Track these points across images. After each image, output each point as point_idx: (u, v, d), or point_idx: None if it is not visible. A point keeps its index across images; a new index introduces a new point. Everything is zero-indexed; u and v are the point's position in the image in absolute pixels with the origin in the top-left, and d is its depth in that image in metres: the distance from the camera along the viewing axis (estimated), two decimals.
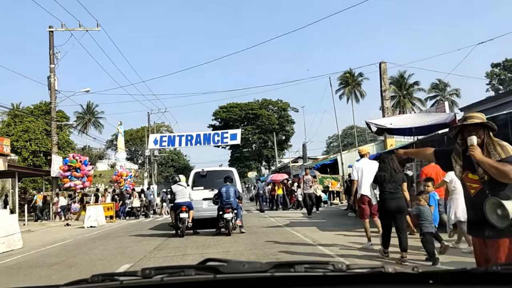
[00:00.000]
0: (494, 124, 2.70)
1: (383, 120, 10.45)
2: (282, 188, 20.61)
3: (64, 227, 17.51)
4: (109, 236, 11.88)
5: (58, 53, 22.50)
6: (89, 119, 67.65)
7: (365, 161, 7.54)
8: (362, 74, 63.36)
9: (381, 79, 22.20)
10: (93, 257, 7.92)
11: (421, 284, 1.04)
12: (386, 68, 22.45)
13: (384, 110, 22.07)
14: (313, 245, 7.87)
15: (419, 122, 9.12)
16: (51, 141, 23.45)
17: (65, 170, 20.28)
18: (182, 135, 21.81)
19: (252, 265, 1.07)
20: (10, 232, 9.91)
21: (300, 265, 1.05)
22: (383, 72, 22.26)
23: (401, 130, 9.99)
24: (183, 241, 9.41)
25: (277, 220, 14.03)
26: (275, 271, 1.03)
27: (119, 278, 1.02)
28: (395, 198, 5.93)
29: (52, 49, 22.21)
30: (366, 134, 70.04)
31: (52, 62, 22.14)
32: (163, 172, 60.93)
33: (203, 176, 12.41)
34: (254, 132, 57.47)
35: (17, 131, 40.01)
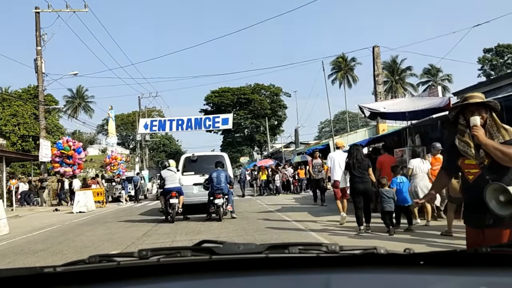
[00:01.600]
0: (498, 104, 2.52)
1: (376, 104, 10.27)
2: (266, 174, 20.87)
3: (53, 212, 17.28)
4: (98, 222, 11.70)
5: (45, 35, 21.88)
6: (79, 103, 66.68)
7: (338, 152, 9.00)
8: (354, 59, 62.98)
9: (375, 63, 21.97)
10: (79, 243, 7.74)
11: (412, 265, 1.05)
12: (379, 52, 22.21)
13: (376, 94, 21.91)
14: (304, 231, 7.78)
15: (412, 106, 8.96)
16: (39, 126, 22.92)
17: (57, 156, 19.96)
18: (173, 120, 21.50)
19: (247, 247, 1.08)
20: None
21: (294, 246, 1.07)
22: (377, 57, 22.02)
23: (395, 114, 9.83)
24: (172, 227, 9.27)
25: (269, 205, 13.96)
26: (269, 252, 1.04)
27: (116, 259, 1.03)
28: (362, 181, 7.23)
29: (38, 31, 21.57)
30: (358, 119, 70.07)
31: (38, 44, 21.52)
32: (155, 157, 60.50)
33: (193, 161, 12.25)
34: (246, 117, 57.15)
35: (5, 116, 39.32)
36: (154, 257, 1.04)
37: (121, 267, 1.01)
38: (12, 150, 33.87)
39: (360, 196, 7.20)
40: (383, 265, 1.05)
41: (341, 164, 8.32)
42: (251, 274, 1.02)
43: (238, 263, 1.04)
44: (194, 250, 1.08)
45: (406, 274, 1.03)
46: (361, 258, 1.06)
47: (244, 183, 22.30)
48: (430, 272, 1.02)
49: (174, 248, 1.08)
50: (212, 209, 10.01)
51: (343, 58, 60.69)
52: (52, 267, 0.97)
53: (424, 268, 1.04)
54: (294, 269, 1.03)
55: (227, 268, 1.04)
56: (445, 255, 1.09)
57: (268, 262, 1.03)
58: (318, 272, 1.03)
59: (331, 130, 24.89)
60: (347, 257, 1.06)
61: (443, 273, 1.02)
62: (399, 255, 1.07)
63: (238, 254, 1.06)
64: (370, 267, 1.04)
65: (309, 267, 1.04)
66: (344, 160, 8.10)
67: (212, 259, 1.02)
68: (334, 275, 1.03)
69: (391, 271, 1.04)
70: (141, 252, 1.06)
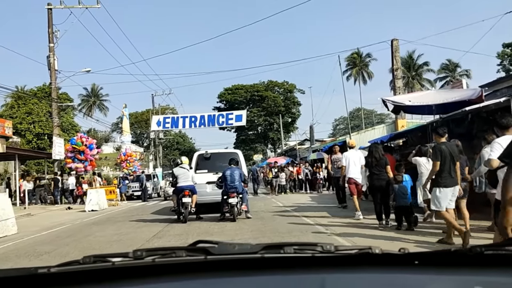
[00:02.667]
0: None
1: (401, 97, 9.64)
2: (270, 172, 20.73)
3: (66, 210, 17.08)
4: (109, 221, 11.34)
5: (58, 31, 21.71)
6: (93, 102, 67.19)
7: (352, 151, 9.26)
8: (370, 55, 62.03)
9: (393, 57, 21.15)
10: (87, 245, 7.34)
11: (406, 265, 1.04)
12: (398, 46, 21.38)
13: (395, 89, 21.11)
14: (324, 233, 7.23)
15: (440, 99, 8.31)
16: (52, 123, 22.80)
17: (69, 151, 19.81)
18: (185, 117, 21.12)
19: (243, 247, 1.09)
20: (3, 217, 9.37)
21: (290, 246, 1.07)
22: (395, 50, 21.21)
23: (420, 108, 9.17)
24: (185, 228, 8.81)
25: (284, 204, 13.44)
26: (265, 252, 1.04)
27: (111, 259, 1.02)
28: (380, 178, 7.52)
29: (51, 28, 21.38)
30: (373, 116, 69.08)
31: (51, 41, 21.34)
32: (168, 155, 60.53)
33: (206, 158, 11.81)
34: (260, 114, 56.57)
35: (20, 114, 39.61)
36: (149, 258, 1.03)
37: (116, 267, 1.00)
38: (28, 148, 34.07)
39: (378, 193, 7.57)
40: (378, 265, 1.05)
41: (356, 162, 8.82)
42: (247, 274, 1.02)
43: (233, 263, 1.04)
44: (189, 250, 1.07)
45: (401, 274, 1.03)
46: (356, 258, 1.05)
47: (257, 181, 21.77)
48: (425, 272, 1.02)
49: (169, 248, 1.07)
50: (226, 209, 9.51)
51: (358, 54, 59.71)
52: (46, 268, 0.96)
53: (419, 267, 1.04)
54: (290, 269, 1.03)
55: (223, 268, 1.03)
56: (439, 255, 1.09)
57: (264, 262, 1.03)
58: (313, 272, 1.03)
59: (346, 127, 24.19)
60: (342, 257, 1.06)
61: (438, 273, 1.02)
62: (394, 255, 1.06)
63: (234, 254, 1.06)
64: (365, 267, 1.04)
65: (305, 267, 1.03)
66: (358, 158, 8.83)
67: (207, 259, 1.02)
68: (329, 275, 1.02)
69: (386, 271, 1.04)
70: (136, 252, 1.05)
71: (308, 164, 21.15)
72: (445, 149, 5.47)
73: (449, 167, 5.43)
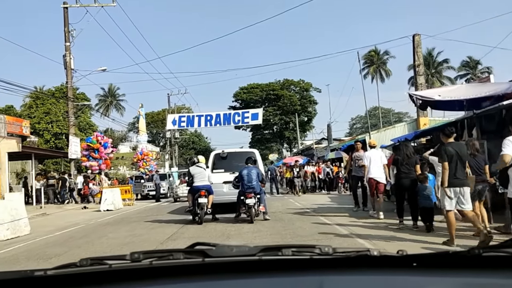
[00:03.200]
0: None
1: (429, 91, 9.07)
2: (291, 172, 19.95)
3: (81, 210, 16.98)
4: (123, 222, 11.08)
5: (74, 30, 21.70)
6: (110, 102, 67.83)
7: (373, 150, 9.21)
8: (388, 52, 60.89)
9: (415, 53, 20.47)
10: (99, 247, 7.04)
11: (405, 267, 1.04)
12: (420, 41, 20.68)
13: (417, 86, 20.43)
14: (347, 236, 6.76)
15: (473, 93, 7.71)
16: (68, 122, 22.81)
17: (84, 149, 19.77)
18: (201, 115, 20.83)
19: (240, 249, 1.08)
20: (16, 217, 9.19)
21: (288, 248, 1.06)
22: (417, 45, 20.50)
23: (450, 103, 8.55)
24: (200, 230, 8.45)
25: (303, 204, 12.98)
26: (263, 254, 1.04)
27: (108, 262, 1.02)
28: (408, 177, 7.29)
29: (67, 26, 21.40)
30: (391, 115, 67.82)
31: (67, 40, 21.36)
32: (184, 155, 60.58)
33: (223, 158, 11.60)
34: (276, 113, 56.02)
35: (39, 114, 40.08)
36: (146, 260, 1.02)
37: (113, 270, 1.00)
38: (46, 147, 34.39)
39: (404, 191, 7.37)
40: (376, 267, 1.04)
41: (377, 162, 8.79)
42: (245, 277, 1.02)
43: (231, 266, 1.03)
44: (187, 252, 1.07)
45: (399, 276, 1.02)
46: (354, 260, 1.05)
47: (275, 181, 21.34)
48: (423, 274, 1.02)
49: (166, 251, 1.07)
50: (243, 210, 9.13)
51: (376, 51, 58.68)
52: (43, 270, 0.95)
53: (417, 269, 1.03)
54: (288, 271, 1.03)
55: (220, 270, 1.02)
56: (437, 257, 1.09)
57: (262, 265, 1.03)
58: (311, 274, 1.02)
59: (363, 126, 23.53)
60: (340, 259, 1.05)
61: (436, 275, 1.01)
62: (392, 257, 1.06)
63: (231, 256, 1.05)
64: (363, 269, 1.03)
65: (303, 269, 1.03)
66: (379, 158, 8.84)
67: (205, 262, 1.01)
68: (328, 277, 1.01)
69: (384, 273, 1.03)
70: (133, 254, 1.04)
71: (329, 163, 20.44)
72: (451, 150, 5.48)
73: (455, 167, 5.44)
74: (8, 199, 13.64)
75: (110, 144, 20.79)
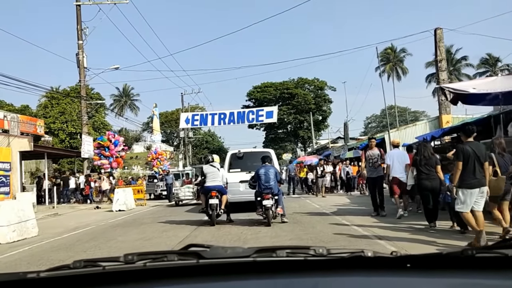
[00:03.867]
0: None
1: (463, 84, 8.40)
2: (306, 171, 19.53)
3: (94, 210, 16.69)
4: (134, 223, 10.64)
5: (86, 28, 21.47)
6: (125, 102, 68.16)
7: (396, 150, 9.15)
8: (405, 50, 59.74)
9: (437, 47, 19.61)
10: (105, 253, 6.56)
11: (398, 268, 1.05)
12: (442, 35, 19.81)
13: (439, 82, 19.57)
14: (375, 241, 6.17)
15: (510, 85, 7.04)
16: (81, 121, 22.59)
17: (96, 147, 19.53)
18: (215, 114, 20.38)
19: (235, 250, 1.08)
20: (23, 218, 8.81)
21: (282, 250, 1.06)
22: (439, 40, 19.64)
23: (484, 96, 7.86)
24: (214, 233, 7.92)
25: (321, 206, 12.36)
26: (257, 256, 1.04)
27: (102, 263, 1.01)
28: (429, 178, 7.07)
29: (79, 24, 21.15)
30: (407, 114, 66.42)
31: (80, 38, 21.12)
32: (198, 154, 60.40)
33: (239, 157, 11.74)
34: (290, 112, 55.34)
35: (54, 113, 40.25)
36: (140, 262, 1.01)
37: (106, 272, 0.99)
38: (61, 147, 34.45)
39: (426, 193, 7.15)
40: (370, 268, 1.04)
41: (400, 161, 8.67)
42: (239, 278, 1.02)
43: (225, 267, 1.03)
44: (181, 254, 1.06)
45: (393, 277, 1.03)
46: (349, 261, 1.05)
47: (293, 180, 20.53)
48: (417, 275, 1.02)
49: (160, 252, 1.06)
50: (260, 212, 8.58)
51: (392, 49, 57.54)
52: (36, 273, 0.95)
53: (411, 270, 1.04)
54: (282, 273, 1.03)
55: (215, 272, 1.02)
56: (431, 258, 1.09)
57: (256, 266, 1.03)
58: (306, 275, 1.02)
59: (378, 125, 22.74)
60: (335, 261, 1.05)
61: (430, 276, 1.02)
62: (386, 258, 1.06)
63: (226, 258, 1.05)
64: (357, 270, 1.04)
65: (297, 270, 1.03)
66: (402, 157, 8.74)
67: (199, 263, 1.01)
68: (322, 278, 1.02)
69: (378, 274, 1.03)
70: (127, 256, 1.03)
71: (348, 162, 19.56)
72: (468, 149, 5.38)
73: (473, 167, 5.33)
74: (18, 199, 13.41)
75: (121, 142, 20.45)
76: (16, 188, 15.73)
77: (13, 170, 15.49)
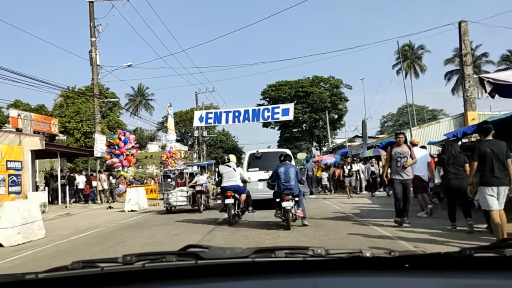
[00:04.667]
0: None
1: (504, 74, 7.63)
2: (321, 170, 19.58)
3: (106, 210, 16.35)
4: (145, 225, 10.15)
5: (99, 25, 21.19)
6: (140, 101, 68.41)
7: (416, 149, 8.74)
8: (423, 47, 58.42)
9: (461, 41, 18.71)
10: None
11: (397, 268, 1.04)
12: (467, 28, 18.87)
13: (464, 78, 18.68)
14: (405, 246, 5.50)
15: None
16: (94, 119, 22.32)
17: (107, 146, 19.22)
18: (229, 112, 19.84)
19: (233, 251, 1.08)
20: (28, 220, 8.39)
21: (281, 250, 1.06)
22: (464, 33, 18.73)
23: None
24: (229, 237, 7.32)
25: (342, 207, 11.67)
26: (256, 256, 1.04)
27: (100, 264, 1.00)
28: (457, 177, 6.83)
29: (92, 21, 20.88)
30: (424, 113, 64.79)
31: (93, 35, 20.85)
32: (212, 153, 60.11)
33: (258, 157, 12.32)
34: (305, 111, 54.57)
35: (69, 113, 40.35)
36: (138, 263, 1.01)
37: (105, 273, 0.98)
38: (76, 146, 34.44)
39: (453, 193, 6.97)
40: (369, 269, 1.04)
41: (423, 160, 8.64)
42: (238, 279, 1.01)
43: (224, 268, 1.02)
44: (180, 255, 1.05)
45: (391, 277, 1.02)
46: (347, 261, 1.04)
47: (311, 180, 19.79)
48: (415, 275, 1.02)
49: (159, 253, 1.05)
50: (279, 214, 7.96)
51: (410, 46, 56.27)
52: (34, 274, 0.95)
53: (409, 271, 1.03)
54: (281, 273, 1.02)
55: (213, 273, 1.02)
56: (429, 258, 1.09)
57: (255, 267, 1.02)
58: (304, 276, 1.02)
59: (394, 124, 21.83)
60: (333, 261, 1.05)
61: (428, 276, 1.01)
62: (384, 258, 1.05)
63: (224, 258, 1.04)
64: (356, 271, 1.03)
65: (296, 271, 1.03)
66: (422, 155, 8.71)
67: (198, 264, 1.01)
68: (321, 278, 1.01)
69: (376, 275, 1.03)
70: (125, 257, 1.03)
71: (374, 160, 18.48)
72: (485, 148, 5.34)
73: (491, 166, 5.27)
74: (30, 198, 13.07)
75: (131, 140, 20.01)
76: (28, 188, 15.46)
77: (24, 169, 15.21)
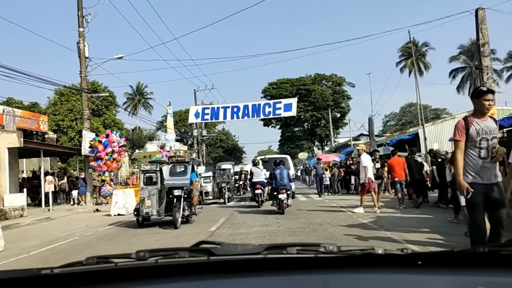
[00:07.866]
0: None
1: None
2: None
3: (92, 213, 14.92)
4: (126, 234, 8.71)
5: (88, 15, 19.74)
6: (138, 100, 67.02)
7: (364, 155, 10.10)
8: (427, 44, 56.95)
9: (479, 30, 17.22)
10: None
11: (409, 265, 1.03)
12: (485, 16, 17.41)
13: (482, 70, 17.23)
14: None
15: None
16: (82, 115, 20.87)
17: (89, 147, 17.55)
18: (227, 107, 18.43)
19: (245, 247, 1.09)
20: None
21: (292, 247, 1.06)
22: (481, 21, 17.25)
23: None
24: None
25: (357, 214, 10.13)
26: (268, 253, 1.04)
27: (114, 260, 1.02)
28: None
29: (80, 11, 19.44)
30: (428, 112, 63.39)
31: (80, 25, 19.40)
32: (212, 153, 58.69)
33: (265, 161, 15.87)
34: (307, 109, 53.11)
35: (63, 110, 38.92)
36: (152, 258, 1.02)
37: (119, 268, 1.00)
38: (70, 145, 33.00)
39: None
40: (381, 266, 1.04)
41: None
42: (250, 275, 1.02)
43: (236, 264, 1.04)
44: (192, 251, 1.07)
45: (403, 274, 1.02)
46: (359, 258, 1.04)
47: (322, 181, 17.75)
48: (428, 272, 1.01)
49: (172, 249, 1.06)
50: (275, 204, 11.00)
51: (414, 42, 54.81)
52: (50, 269, 0.96)
53: (422, 268, 1.02)
54: (293, 270, 1.03)
55: (226, 269, 1.03)
56: (443, 255, 1.09)
57: (267, 263, 1.03)
58: (316, 272, 1.03)
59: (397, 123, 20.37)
60: (345, 258, 1.05)
61: (441, 273, 1.01)
62: (397, 255, 1.05)
63: (236, 255, 1.06)
64: (368, 268, 1.03)
65: (308, 267, 1.03)
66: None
67: (210, 260, 1.02)
68: (332, 275, 1.02)
69: (389, 271, 1.03)
70: (139, 253, 1.04)
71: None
72: None
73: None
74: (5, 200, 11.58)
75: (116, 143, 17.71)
76: (4, 189, 14.01)
77: (0, 169, 13.77)
